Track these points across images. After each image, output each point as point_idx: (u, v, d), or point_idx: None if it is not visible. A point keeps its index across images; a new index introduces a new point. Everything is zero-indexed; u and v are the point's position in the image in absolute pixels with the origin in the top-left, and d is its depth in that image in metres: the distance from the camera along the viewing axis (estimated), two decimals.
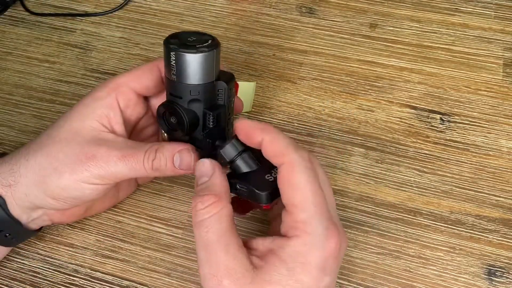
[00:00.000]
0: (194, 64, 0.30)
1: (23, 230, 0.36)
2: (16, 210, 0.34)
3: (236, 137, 0.31)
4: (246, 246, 0.29)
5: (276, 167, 0.30)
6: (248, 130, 0.30)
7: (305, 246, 0.27)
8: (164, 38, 0.32)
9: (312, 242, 0.27)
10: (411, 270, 0.39)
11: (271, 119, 0.47)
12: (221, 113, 0.33)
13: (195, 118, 0.32)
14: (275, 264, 0.27)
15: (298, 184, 0.28)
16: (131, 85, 0.34)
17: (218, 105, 0.33)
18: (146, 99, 0.37)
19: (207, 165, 0.31)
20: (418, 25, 0.52)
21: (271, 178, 0.31)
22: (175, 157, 0.32)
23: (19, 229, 0.35)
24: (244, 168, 0.31)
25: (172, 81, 0.31)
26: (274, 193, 0.30)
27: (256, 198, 0.30)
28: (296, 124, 0.46)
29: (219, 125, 0.33)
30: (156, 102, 0.37)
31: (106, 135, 0.33)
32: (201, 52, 0.30)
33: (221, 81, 0.32)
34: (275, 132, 0.30)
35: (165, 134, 0.37)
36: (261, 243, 0.29)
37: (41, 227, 0.38)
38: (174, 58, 0.30)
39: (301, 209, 0.28)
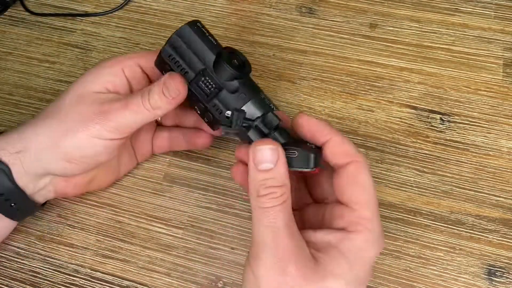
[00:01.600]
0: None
1: (28, 201, 0.36)
2: (23, 178, 0.34)
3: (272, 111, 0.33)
4: None
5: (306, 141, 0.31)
6: (314, 128, 0.31)
7: (366, 243, 0.28)
8: (164, 38, 0.32)
9: (373, 240, 0.28)
10: (411, 270, 0.39)
11: None
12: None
13: None
14: (337, 257, 0.28)
15: (365, 184, 0.29)
16: (138, 61, 0.36)
17: None
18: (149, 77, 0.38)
19: (271, 151, 0.29)
20: (418, 25, 0.52)
21: (312, 146, 0.32)
22: (163, 89, 0.33)
23: (24, 199, 0.35)
24: (281, 139, 0.33)
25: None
26: (318, 158, 0.31)
27: (306, 161, 0.30)
28: None
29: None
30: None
31: (109, 95, 0.35)
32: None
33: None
34: (341, 133, 0.31)
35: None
36: (313, 235, 0.29)
37: (45, 203, 0.39)
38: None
39: (366, 207, 0.29)
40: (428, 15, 0.53)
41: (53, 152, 0.34)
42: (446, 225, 0.40)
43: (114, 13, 0.56)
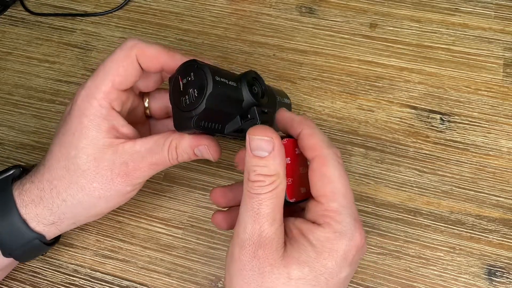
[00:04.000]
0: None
1: (52, 245, 0.38)
2: (56, 234, 0.36)
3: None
4: None
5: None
6: (288, 121, 0.32)
7: (334, 234, 0.28)
8: (163, 37, 0.32)
9: (341, 231, 0.28)
10: (411, 270, 0.39)
11: None
12: None
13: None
14: (305, 245, 0.28)
15: (330, 177, 0.29)
16: (119, 88, 0.33)
17: None
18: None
19: (266, 142, 0.29)
20: (418, 25, 0.52)
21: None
22: (195, 151, 0.34)
23: (51, 247, 0.37)
24: None
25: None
26: None
27: None
28: None
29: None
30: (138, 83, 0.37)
31: (124, 147, 0.33)
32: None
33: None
34: (313, 127, 0.31)
35: (148, 111, 0.38)
36: (292, 222, 0.30)
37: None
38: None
39: (332, 199, 0.29)
40: (428, 15, 0.53)
41: (87, 215, 0.35)
42: (446, 225, 0.40)
43: (114, 13, 0.56)
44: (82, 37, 0.54)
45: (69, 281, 0.40)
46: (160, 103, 0.38)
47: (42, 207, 0.34)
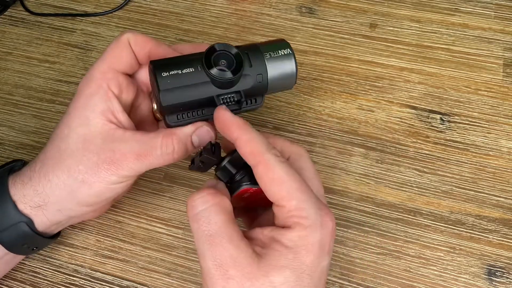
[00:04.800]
0: None
1: (48, 241, 0.37)
2: (45, 226, 0.35)
3: (229, 160, 0.32)
4: (246, 236, 0.30)
5: None
6: (225, 124, 0.31)
7: (305, 230, 0.28)
8: (163, 37, 0.32)
9: (310, 225, 0.28)
10: (411, 270, 0.39)
11: (272, 119, 0.47)
12: None
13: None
14: (280, 250, 0.28)
15: (279, 178, 0.29)
16: (116, 68, 0.34)
17: None
18: (132, 76, 0.37)
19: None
20: (418, 25, 0.52)
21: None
22: (193, 138, 0.33)
23: (45, 241, 0.36)
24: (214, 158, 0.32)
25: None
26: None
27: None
28: (296, 124, 0.46)
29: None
30: (141, 75, 0.37)
31: (114, 133, 0.33)
32: None
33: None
34: (251, 132, 0.30)
35: (155, 108, 0.37)
36: (261, 232, 0.30)
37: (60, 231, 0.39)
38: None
39: (289, 199, 0.28)
40: (428, 15, 0.53)
41: (71, 202, 0.34)
42: (446, 225, 0.40)
43: (114, 13, 0.56)
44: (82, 37, 0.54)
45: (69, 281, 0.40)
46: None
47: (29, 186, 0.33)
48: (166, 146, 0.32)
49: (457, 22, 0.52)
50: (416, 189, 0.42)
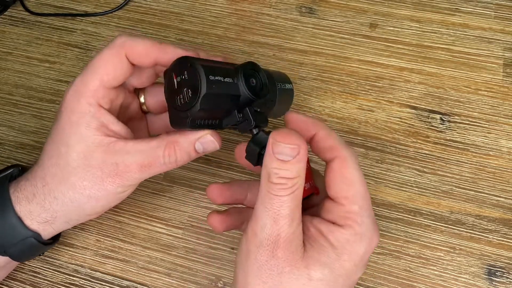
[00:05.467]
0: None
1: (52, 245, 0.37)
2: (52, 234, 0.36)
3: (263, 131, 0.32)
4: None
5: None
6: (300, 124, 0.31)
7: (355, 236, 0.28)
8: (164, 37, 0.32)
9: (362, 233, 0.28)
10: (411, 270, 0.39)
11: (272, 119, 0.47)
12: None
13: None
14: (325, 246, 0.28)
15: (351, 178, 0.29)
16: (107, 85, 0.33)
17: None
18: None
19: (291, 149, 0.28)
20: (418, 25, 0.52)
21: None
22: (196, 146, 0.32)
23: (49, 246, 0.37)
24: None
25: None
26: None
27: None
28: None
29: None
30: (131, 79, 0.36)
31: (115, 146, 0.32)
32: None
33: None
34: (328, 128, 0.31)
35: (145, 106, 0.37)
36: (310, 221, 0.30)
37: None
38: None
39: (353, 202, 0.29)
40: (429, 15, 0.53)
41: (79, 214, 0.35)
42: (446, 225, 0.40)
43: (114, 13, 0.56)
44: (82, 37, 0.54)
45: (69, 281, 0.40)
46: (157, 98, 0.38)
47: (35, 203, 0.33)
48: (169, 156, 0.32)
49: (457, 22, 0.52)
50: (416, 189, 0.42)
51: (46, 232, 0.35)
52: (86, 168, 0.32)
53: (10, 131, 0.48)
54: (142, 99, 0.37)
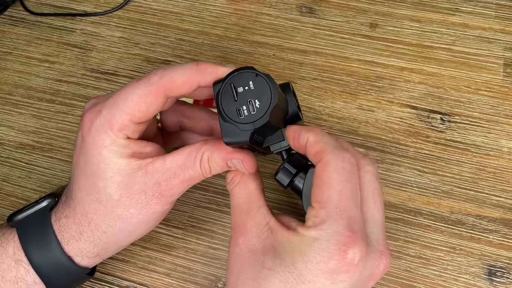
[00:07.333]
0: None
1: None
2: (98, 263, 0.36)
3: (288, 161, 0.32)
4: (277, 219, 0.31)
5: None
6: (295, 134, 0.31)
7: (309, 241, 0.28)
8: (163, 37, 0.31)
9: (317, 237, 0.27)
10: (411, 270, 0.39)
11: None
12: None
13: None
14: (284, 241, 0.29)
15: (327, 182, 0.28)
16: (136, 120, 0.31)
17: None
18: None
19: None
20: (418, 25, 0.52)
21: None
22: (229, 163, 0.32)
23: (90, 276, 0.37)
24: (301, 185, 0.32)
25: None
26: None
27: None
28: None
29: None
30: None
31: (154, 166, 0.32)
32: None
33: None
34: (320, 134, 0.30)
35: (159, 124, 0.37)
36: (287, 220, 0.31)
37: None
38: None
39: (322, 207, 0.28)
40: (429, 15, 0.52)
41: (129, 240, 0.34)
42: (446, 225, 0.40)
43: (114, 13, 0.56)
44: (82, 37, 0.54)
45: None
46: (172, 118, 0.38)
47: (83, 241, 0.33)
48: (205, 169, 0.32)
49: (457, 22, 0.52)
50: (416, 189, 0.42)
51: (95, 264, 0.35)
52: (130, 196, 0.31)
53: (10, 131, 0.48)
54: (158, 116, 0.37)
